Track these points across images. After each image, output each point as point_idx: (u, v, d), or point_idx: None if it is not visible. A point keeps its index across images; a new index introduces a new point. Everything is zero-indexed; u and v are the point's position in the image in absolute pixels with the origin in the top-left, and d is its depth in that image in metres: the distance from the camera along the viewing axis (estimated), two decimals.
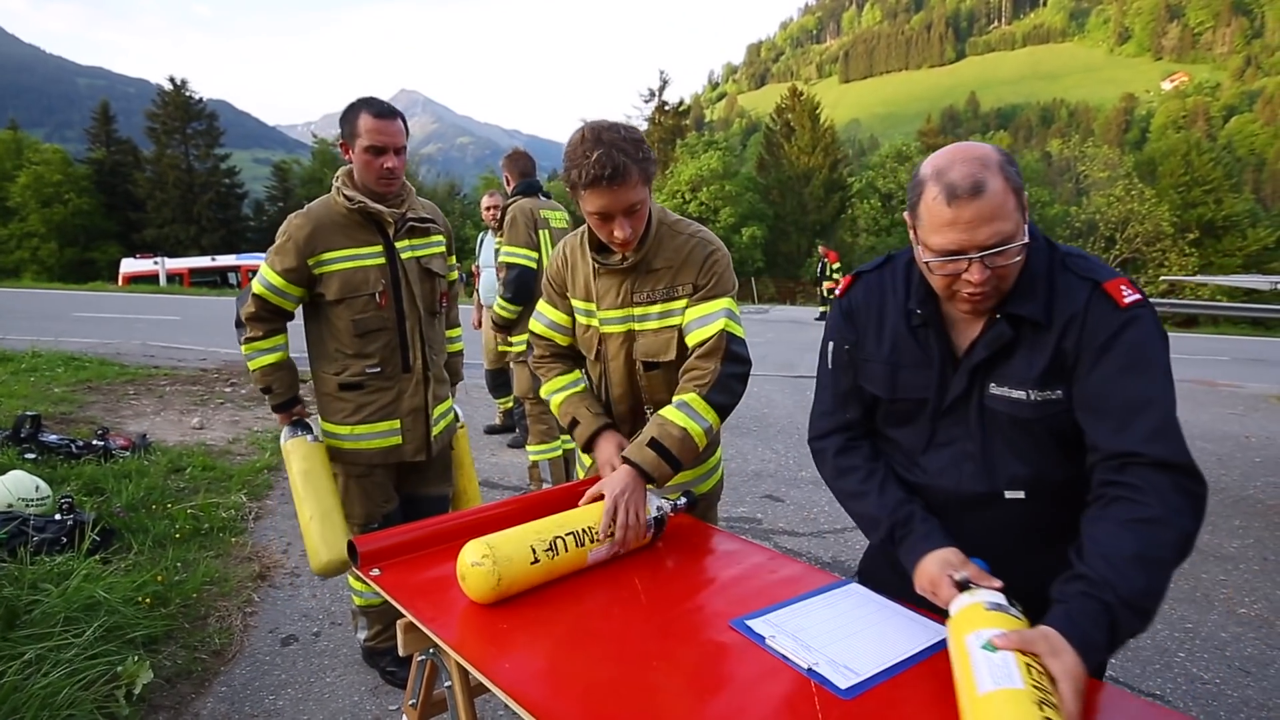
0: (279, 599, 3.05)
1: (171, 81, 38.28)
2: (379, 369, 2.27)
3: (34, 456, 4.10)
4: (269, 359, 2.28)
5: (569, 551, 1.38)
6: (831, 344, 1.46)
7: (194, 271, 24.08)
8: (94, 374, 6.96)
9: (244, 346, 2.29)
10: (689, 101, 48.23)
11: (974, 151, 1.18)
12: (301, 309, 2.32)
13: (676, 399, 1.68)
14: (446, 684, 1.33)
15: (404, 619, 1.31)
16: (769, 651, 1.16)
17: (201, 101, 39.11)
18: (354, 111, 2.15)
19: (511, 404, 5.39)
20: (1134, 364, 1.16)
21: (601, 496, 1.52)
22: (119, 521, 3.39)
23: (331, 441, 2.33)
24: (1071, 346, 1.20)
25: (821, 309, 17.06)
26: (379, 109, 2.14)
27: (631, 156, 1.56)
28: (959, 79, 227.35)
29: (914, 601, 1.30)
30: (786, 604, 1.31)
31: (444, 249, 2.44)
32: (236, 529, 3.66)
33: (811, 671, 1.10)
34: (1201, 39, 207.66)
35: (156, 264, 23.35)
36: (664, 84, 38.81)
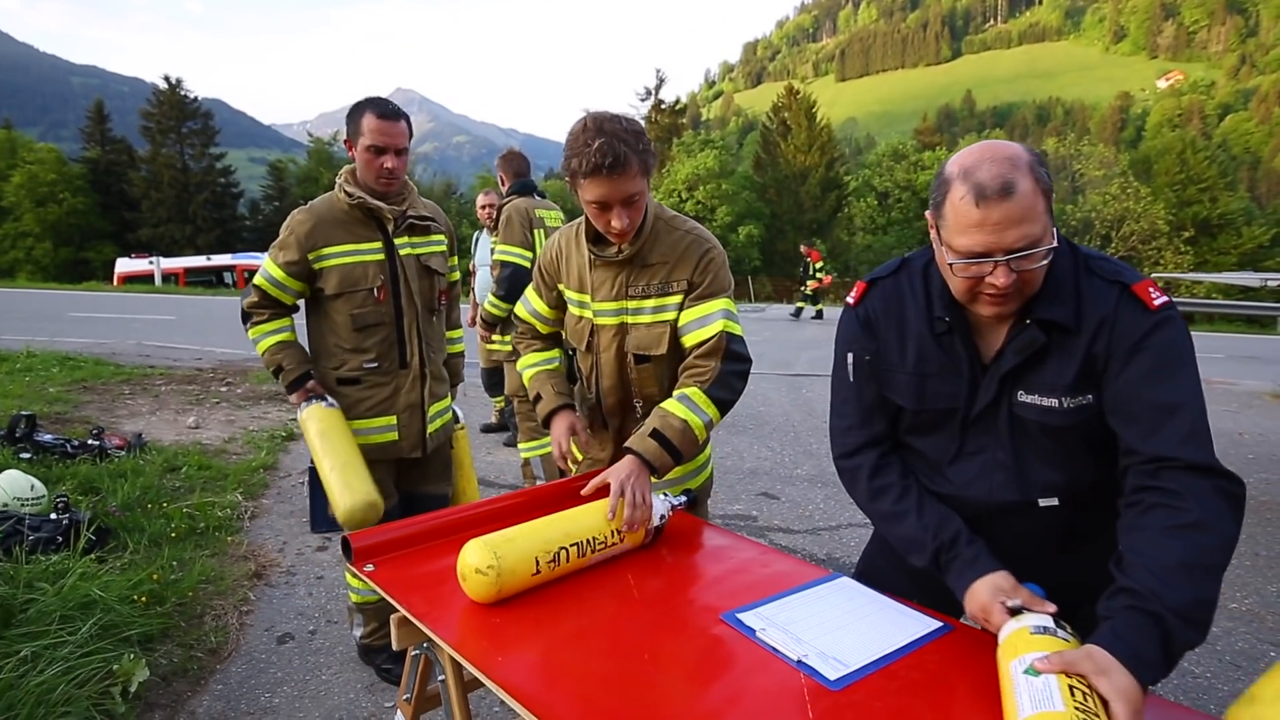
0: (275, 597, 3.05)
1: (166, 80, 38.23)
2: (376, 364, 2.28)
3: (29, 456, 4.10)
4: (275, 338, 2.29)
5: (571, 562, 1.38)
6: (851, 355, 1.40)
7: (189, 271, 24.04)
8: (89, 374, 6.95)
9: (250, 332, 2.31)
10: (685, 100, 48.18)
11: (1004, 151, 1.14)
12: (304, 307, 2.35)
13: (678, 392, 1.70)
14: (440, 678, 1.34)
15: (398, 614, 1.32)
16: (759, 644, 1.17)
17: (196, 100, 39.03)
18: (359, 111, 2.19)
19: (504, 403, 5.41)
20: (1164, 366, 1.14)
21: (605, 486, 1.54)
22: (114, 521, 3.39)
23: None
24: (1102, 350, 1.17)
25: (799, 305, 16.90)
26: (383, 110, 2.18)
27: (632, 147, 1.58)
28: (955, 77, 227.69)
29: (915, 601, 1.30)
30: (777, 597, 1.32)
31: (445, 248, 2.47)
32: (232, 528, 3.66)
33: (801, 663, 1.12)
34: (1196, 37, 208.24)
35: (152, 264, 23.32)
36: (660, 82, 38.84)
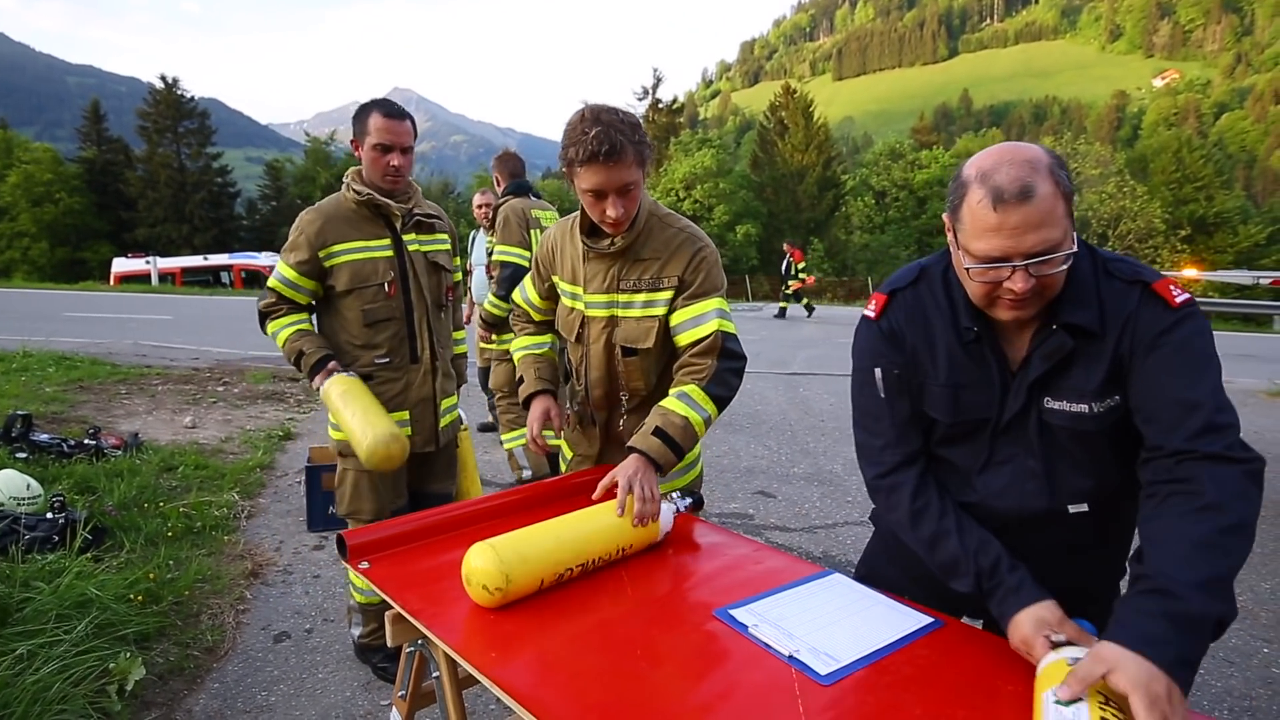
0: (271, 596, 3.06)
1: (163, 80, 38.13)
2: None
3: (25, 456, 4.10)
4: (294, 328, 2.29)
5: (575, 576, 1.38)
6: (879, 370, 1.34)
7: (186, 271, 23.99)
8: (85, 373, 6.94)
9: (269, 328, 2.32)
10: (683, 99, 48.22)
11: (1023, 153, 1.12)
12: (316, 308, 2.37)
13: (676, 390, 1.71)
14: (435, 675, 1.34)
15: (392, 610, 1.32)
16: (752, 640, 1.18)
17: (193, 100, 38.95)
18: (366, 111, 2.25)
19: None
20: (1184, 363, 1.14)
21: (613, 486, 1.55)
22: (111, 520, 3.39)
23: (341, 436, 2.35)
24: (1126, 350, 1.17)
25: (781, 306, 16.75)
26: (389, 110, 2.24)
27: (628, 137, 1.60)
28: (952, 76, 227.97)
29: (913, 599, 1.30)
30: (769, 594, 1.33)
31: (449, 247, 2.51)
32: (229, 527, 3.66)
33: (792, 658, 1.12)
34: (1192, 36, 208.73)
35: (148, 263, 23.28)
36: (658, 81, 38.79)
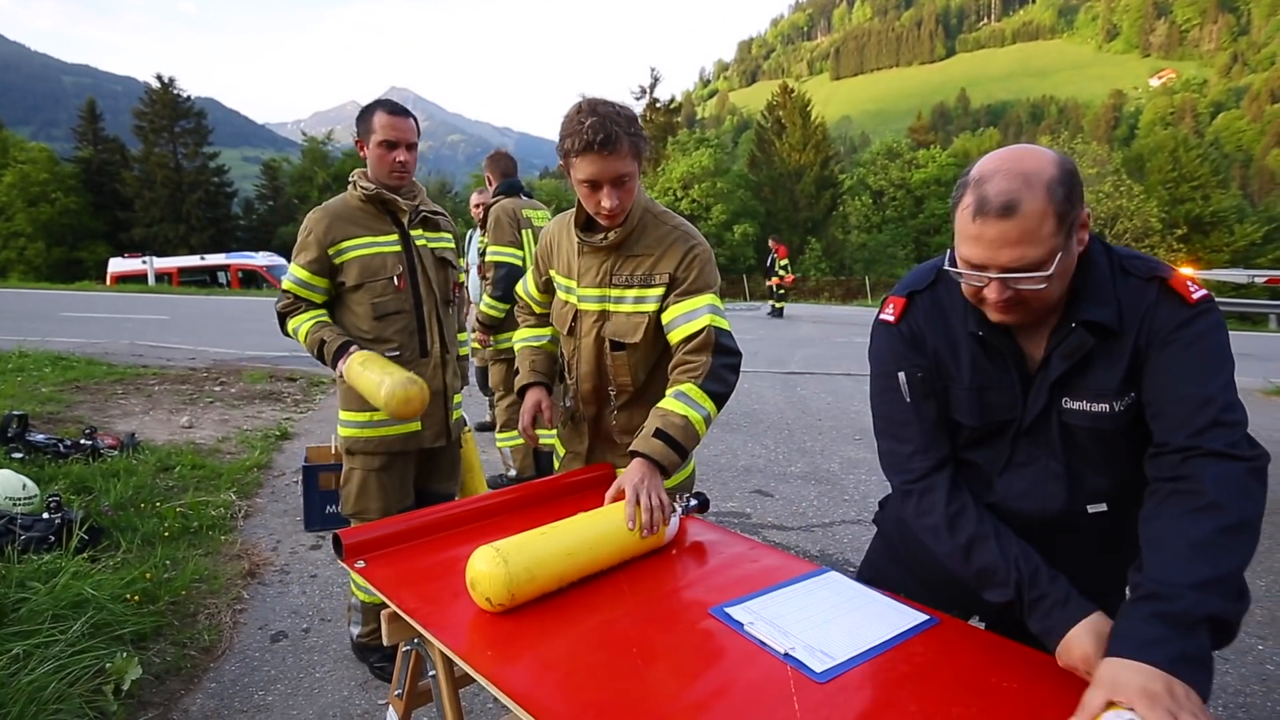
0: (268, 596, 3.05)
1: (159, 79, 38.03)
2: (398, 353, 2.31)
3: (21, 456, 4.09)
4: (313, 321, 2.30)
5: (574, 582, 1.37)
6: (903, 374, 1.31)
7: (183, 270, 23.96)
8: (82, 374, 6.92)
9: (290, 324, 2.33)
10: (680, 99, 48.18)
11: (1024, 164, 1.09)
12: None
13: (673, 389, 1.71)
14: (431, 674, 1.34)
15: (388, 609, 1.32)
16: (747, 637, 1.18)
17: (189, 99, 38.87)
18: (370, 111, 2.29)
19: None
20: (1196, 359, 1.13)
21: (621, 493, 1.54)
22: (107, 520, 3.39)
23: (351, 433, 2.37)
24: (1144, 345, 1.16)
25: (775, 305, 16.64)
26: (392, 108, 2.29)
27: (624, 128, 1.62)
28: (949, 76, 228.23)
29: (921, 602, 1.29)
30: (765, 592, 1.33)
31: (454, 245, 2.54)
32: (225, 527, 3.66)
33: (788, 656, 1.12)
34: (1189, 36, 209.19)
35: (145, 263, 23.23)
36: (655, 81, 38.76)
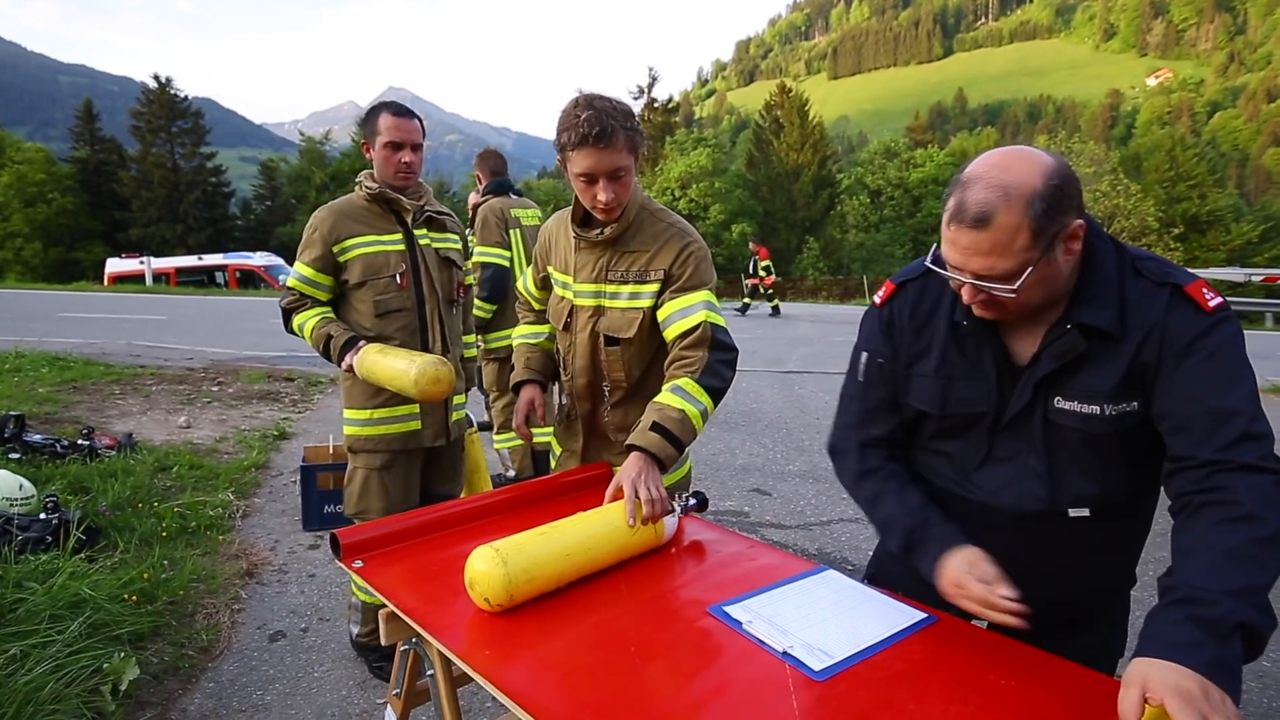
0: (266, 596, 3.05)
1: (156, 79, 37.92)
2: None
3: (18, 456, 4.08)
4: (318, 317, 2.31)
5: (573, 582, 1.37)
6: (865, 355, 1.37)
7: (180, 271, 23.87)
8: (79, 374, 6.91)
9: (295, 321, 2.33)
10: (678, 98, 48.19)
11: (1009, 175, 1.08)
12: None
13: (670, 384, 1.71)
14: (429, 673, 1.34)
15: (386, 609, 1.32)
16: (745, 636, 1.18)
17: (187, 99, 38.75)
18: (375, 112, 2.31)
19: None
20: (1218, 370, 1.09)
21: (620, 491, 1.54)
22: (104, 520, 3.38)
23: (352, 430, 2.37)
24: (1153, 356, 1.12)
25: (744, 301, 16.51)
26: (397, 109, 2.31)
27: (620, 122, 1.63)
28: (946, 75, 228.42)
29: (925, 603, 1.28)
30: (764, 590, 1.33)
31: (460, 246, 2.55)
32: (223, 527, 3.66)
33: (786, 654, 1.12)
34: (1185, 35, 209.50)
35: (142, 263, 23.13)
36: (653, 81, 38.81)
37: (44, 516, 3.09)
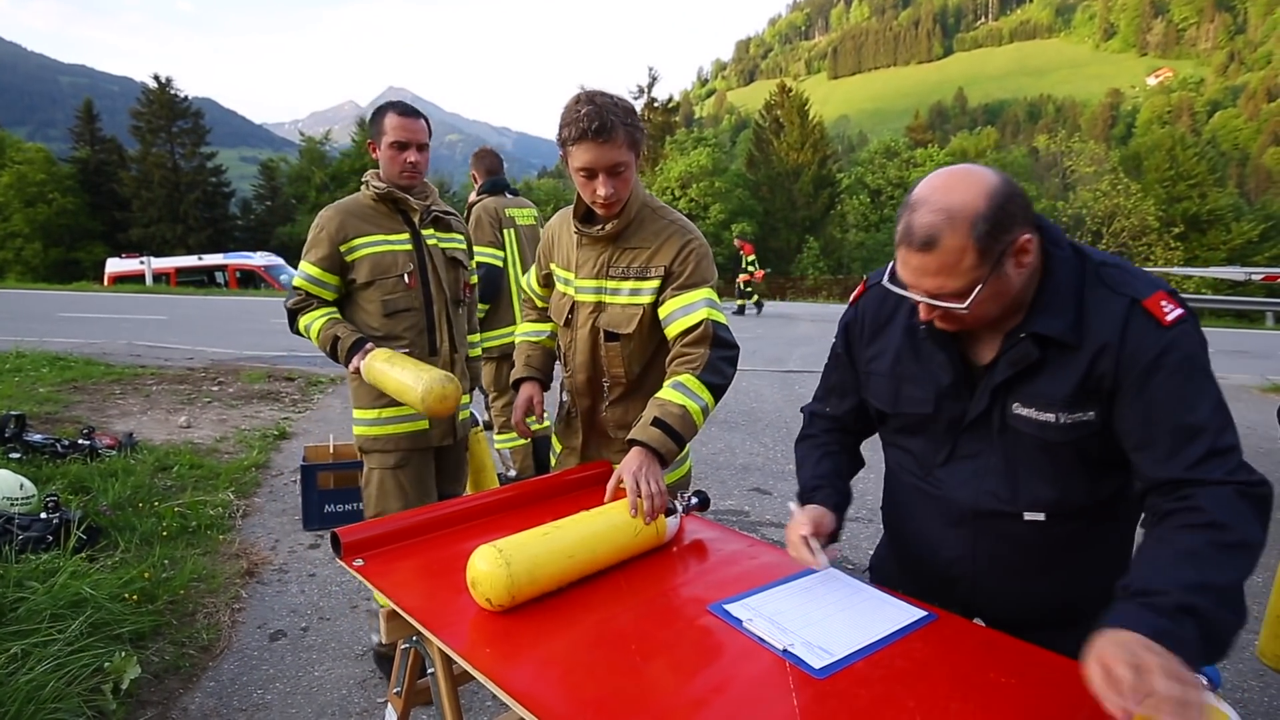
0: (267, 595, 3.05)
1: (156, 79, 37.87)
2: (408, 351, 2.31)
3: (19, 456, 4.09)
4: (325, 318, 2.30)
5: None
6: (835, 341, 1.48)
7: (180, 271, 23.85)
8: (79, 374, 6.91)
9: (301, 321, 2.32)
10: (678, 98, 48.20)
11: (952, 196, 1.09)
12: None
13: (672, 380, 1.72)
14: (430, 671, 1.34)
15: (386, 607, 1.33)
16: (746, 634, 1.18)
17: (187, 99, 38.72)
18: (381, 113, 2.31)
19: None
20: (1181, 386, 1.08)
21: (621, 490, 1.55)
22: (105, 520, 3.38)
23: (362, 430, 2.37)
24: (1109, 370, 1.12)
25: (739, 303, 16.35)
26: (403, 109, 2.31)
27: (620, 118, 1.65)
28: (946, 75, 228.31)
29: (924, 601, 1.29)
30: (764, 589, 1.33)
31: (465, 246, 2.56)
32: (224, 526, 3.66)
33: (787, 652, 1.13)
34: (1185, 35, 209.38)
35: (142, 263, 23.11)
36: (653, 81, 38.77)
37: (45, 516, 3.10)
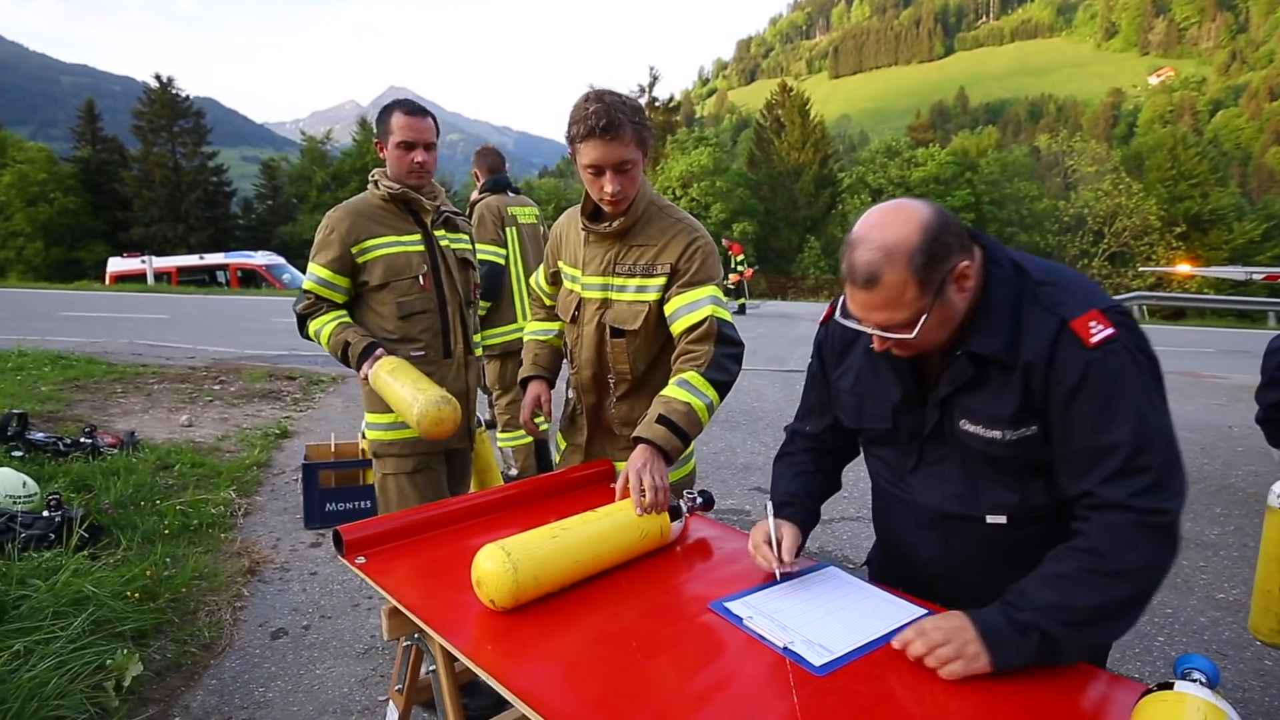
0: (268, 593, 3.06)
1: (157, 79, 37.88)
2: (423, 353, 2.30)
3: (21, 454, 4.09)
4: (336, 321, 2.26)
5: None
6: (812, 361, 1.52)
7: (182, 270, 23.88)
8: (81, 372, 6.93)
9: (311, 326, 2.28)
10: (679, 98, 48.21)
11: (888, 233, 1.12)
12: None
13: (677, 378, 1.73)
14: (431, 668, 1.35)
15: (388, 604, 1.33)
16: (746, 632, 1.19)
17: (188, 99, 38.73)
18: (388, 112, 2.28)
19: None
20: (1101, 409, 1.11)
21: (626, 485, 1.56)
22: (107, 518, 3.39)
23: (376, 435, 2.34)
24: (1040, 388, 1.15)
25: (739, 302, 16.26)
26: (410, 108, 2.28)
27: (628, 116, 1.66)
28: (948, 74, 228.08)
29: (923, 599, 1.30)
30: (764, 587, 1.34)
31: (471, 247, 2.55)
32: (225, 525, 3.67)
33: (787, 650, 1.13)
34: (1187, 34, 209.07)
35: (144, 263, 23.15)
36: (654, 80, 38.67)
37: (47, 514, 3.10)
